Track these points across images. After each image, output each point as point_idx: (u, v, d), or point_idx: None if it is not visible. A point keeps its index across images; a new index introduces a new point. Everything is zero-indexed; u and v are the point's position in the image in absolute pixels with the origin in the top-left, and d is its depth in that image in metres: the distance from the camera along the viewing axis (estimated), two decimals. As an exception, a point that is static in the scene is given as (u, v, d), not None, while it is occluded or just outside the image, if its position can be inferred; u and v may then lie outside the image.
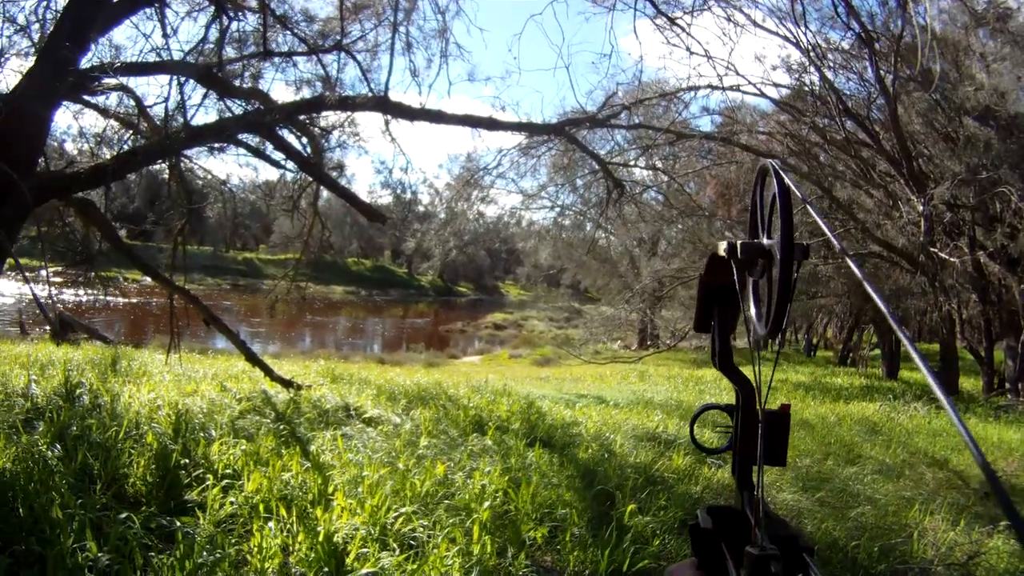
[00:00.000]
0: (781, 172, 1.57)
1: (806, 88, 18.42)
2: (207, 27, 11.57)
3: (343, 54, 12.90)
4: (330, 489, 6.73)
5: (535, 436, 10.38)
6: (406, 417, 10.70)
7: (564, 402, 15.61)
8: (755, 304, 1.76)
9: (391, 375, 17.63)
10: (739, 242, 1.68)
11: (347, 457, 7.86)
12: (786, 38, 16.82)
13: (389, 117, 11.71)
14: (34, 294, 6.10)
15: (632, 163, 17.68)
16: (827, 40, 17.87)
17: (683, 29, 14.23)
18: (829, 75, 17.33)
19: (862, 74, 18.26)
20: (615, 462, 9.29)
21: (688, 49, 15.14)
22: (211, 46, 11.52)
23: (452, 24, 12.07)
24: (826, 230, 1.54)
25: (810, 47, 16.74)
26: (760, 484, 1.61)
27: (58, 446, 6.66)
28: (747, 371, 1.91)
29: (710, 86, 16.69)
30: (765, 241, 1.66)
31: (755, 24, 16.25)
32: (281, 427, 9.09)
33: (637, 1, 12.95)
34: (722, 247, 1.74)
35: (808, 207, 1.69)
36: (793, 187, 1.56)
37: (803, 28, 16.39)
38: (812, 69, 17.30)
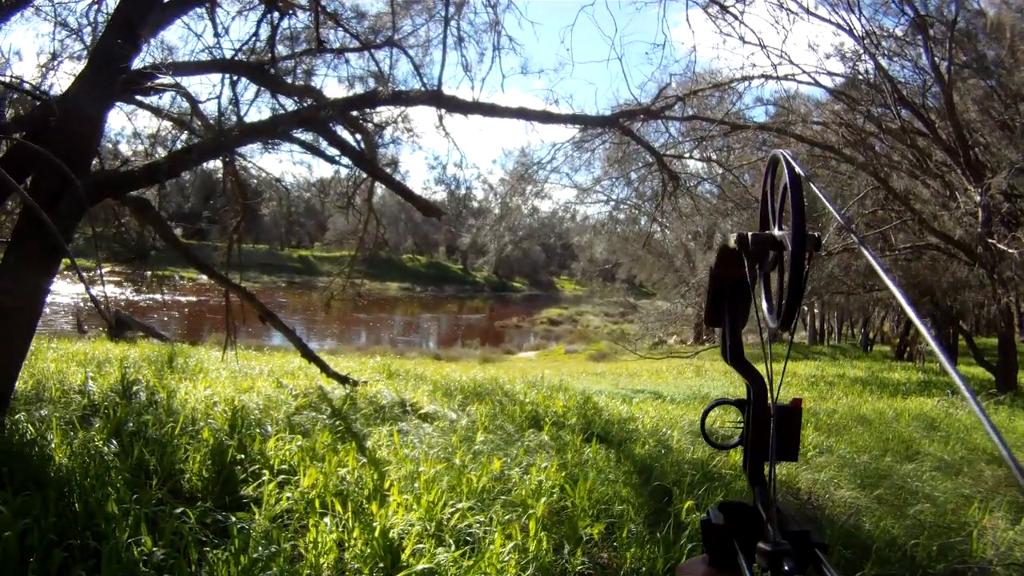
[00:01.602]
0: (792, 161, 1.48)
1: (860, 76, 18.08)
2: (258, 25, 11.61)
3: (395, 49, 12.88)
4: (386, 485, 6.70)
5: (592, 432, 10.29)
6: (462, 413, 10.67)
7: (620, 397, 15.48)
8: (766, 297, 1.69)
9: (447, 371, 17.64)
10: (749, 234, 1.62)
11: (403, 453, 7.82)
12: (839, 25, 16.51)
13: (443, 112, 11.66)
14: (90, 293, 6.08)
15: (687, 155, 17.48)
16: (880, 27, 17.53)
17: (736, 17, 14.01)
18: (883, 62, 16.99)
19: (916, 61, 17.91)
20: (672, 458, 9.18)
21: (741, 38, 14.88)
22: (262, 44, 11.56)
23: (503, 17, 11.96)
24: (839, 217, 1.47)
25: (864, 34, 16.43)
26: (772, 479, 1.59)
27: (114, 442, 6.71)
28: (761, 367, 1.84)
29: (764, 76, 16.45)
30: (776, 232, 1.58)
31: (808, 12, 15.96)
32: (337, 423, 9.10)
33: (690, -11, 12.77)
34: (732, 239, 1.66)
35: (819, 194, 1.62)
36: (804, 175, 1.49)
37: (856, 14, 16.11)
38: (866, 57, 16.97)
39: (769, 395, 1.75)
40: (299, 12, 12.41)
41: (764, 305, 1.68)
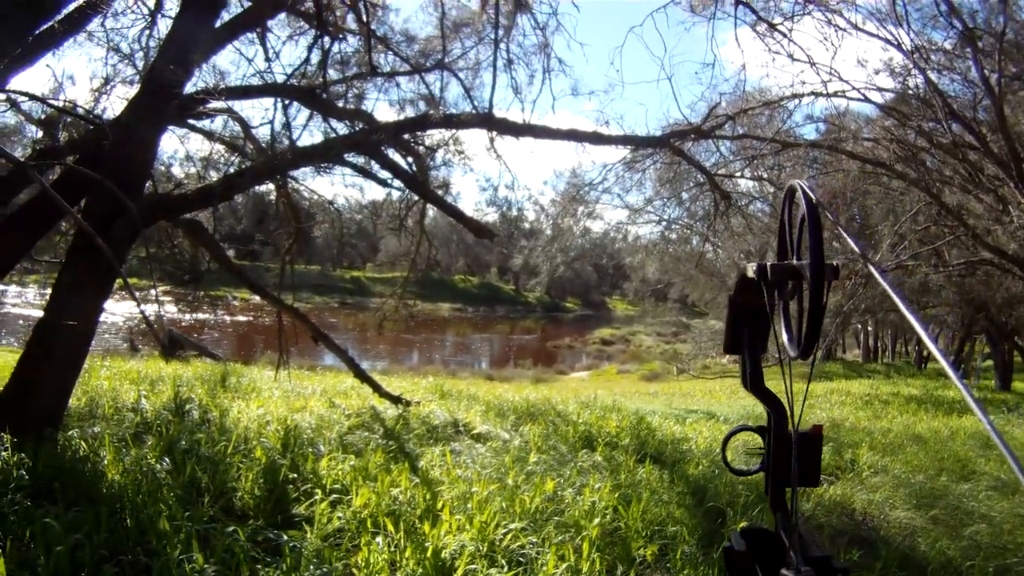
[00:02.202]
0: (809, 191, 1.55)
1: (910, 91, 17.87)
2: (309, 50, 11.69)
3: (445, 73, 12.92)
4: (438, 505, 6.65)
5: (645, 452, 10.19)
6: (515, 433, 10.61)
7: (674, 417, 15.34)
8: (786, 326, 1.75)
9: (499, 391, 17.57)
10: (768, 263, 1.68)
11: (456, 473, 7.77)
12: (887, 40, 16.31)
13: (494, 134, 11.65)
14: (143, 314, 6.12)
15: (738, 174, 17.36)
16: (929, 40, 17.31)
17: (784, 35, 13.90)
18: (933, 76, 16.75)
19: (966, 74, 17.63)
20: (726, 478, 9.04)
21: (790, 55, 14.74)
22: (314, 68, 11.64)
23: (552, 40, 11.93)
24: (852, 244, 1.58)
25: (912, 49, 16.23)
26: (794, 505, 1.68)
27: (167, 460, 6.73)
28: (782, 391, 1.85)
29: (813, 93, 16.32)
30: (795, 262, 1.65)
31: (855, 27, 15.78)
32: (390, 443, 9.08)
33: (737, 8, 12.67)
34: (751, 268, 1.75)
35: (837, 226, 1.63)
36: (821, 205, 1.58)
37: (904, 29, 15.91)
38: (915, 71, 16.77)
39: (790, 422, 1.84)
40: (349, 37, 12.49)
41: (784, 334, 1.73)
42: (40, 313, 8.28)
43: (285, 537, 5.52)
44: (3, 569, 4.30)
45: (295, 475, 6.98)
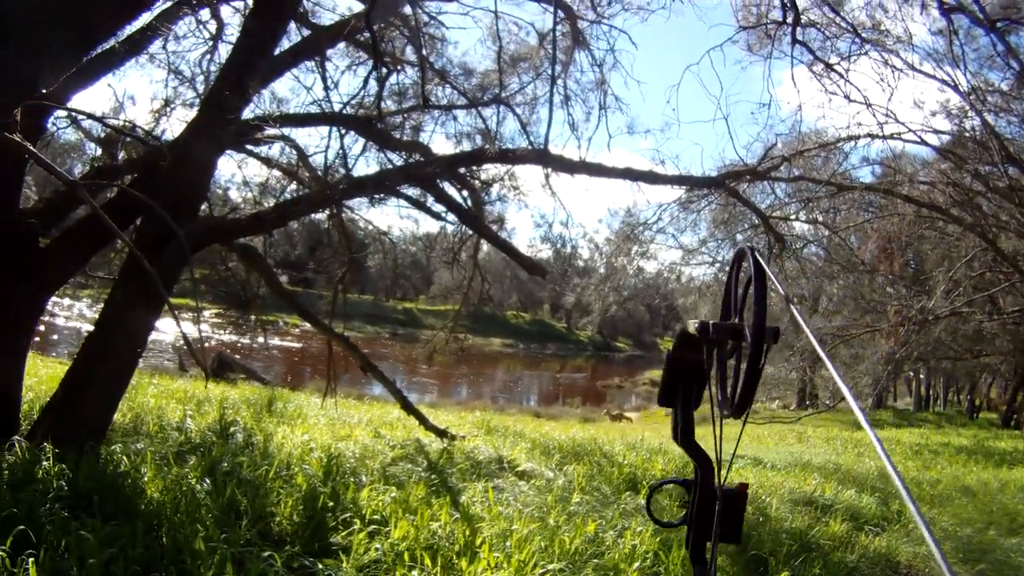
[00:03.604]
0: (758, 255, 1.62)
1: (966, 133, 17.67)
2: (366, 80, 11.80)
3: (502, 107, 12.96)
4: (477, 541, 6.58)
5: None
6: (559, 472, 10.51)
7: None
8: (721, 385, 1.85)
9: (546, 429, 17.44)
10: (711, 322, 1.74)
11: (497, 510, 7.69)
12: (944, 81, 16.13)
13: (549, 170, 11.65)
14: (184, 336, 6.15)
15: (792, 217, 17.26)
16: (986, 82, 17.08)
17: (841, 75, 13.86)
18: (989, 118, 16.51)
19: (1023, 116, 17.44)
20: (769, 526, 8.90)
21: (847, 96, 14.68)
22: (371, 99, 11.71)
23: (609, 76, 12.00)
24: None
25: (969, 90, 16.03)
26: (713, 562, 1.80)
27: (208, 480, 6.73)
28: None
29: (870, 135, 16.21)
30: (736, 322, 1.72)
31: (912, 68, 15.64)
32: (432, 476, 9.02)
33: (794, 48, 12.65)
34: (692, 325, 1.79)
35: (788, 301, 1.75)
36: (768, 272, 1.63)
37: (961, 70, 15.73)
38: (972, 113, 16.57)
39: (716, 478, 1.95)
40: (407, 68, 12.58)
41: (718, 393, 1.88)
42: (91, 327, 8.37)
43: (321, 565, 5.49)
44: (36, 579, 4.31)
45: (335, 504, 6.94)
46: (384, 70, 11.56)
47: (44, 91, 3.04)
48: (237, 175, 14.75)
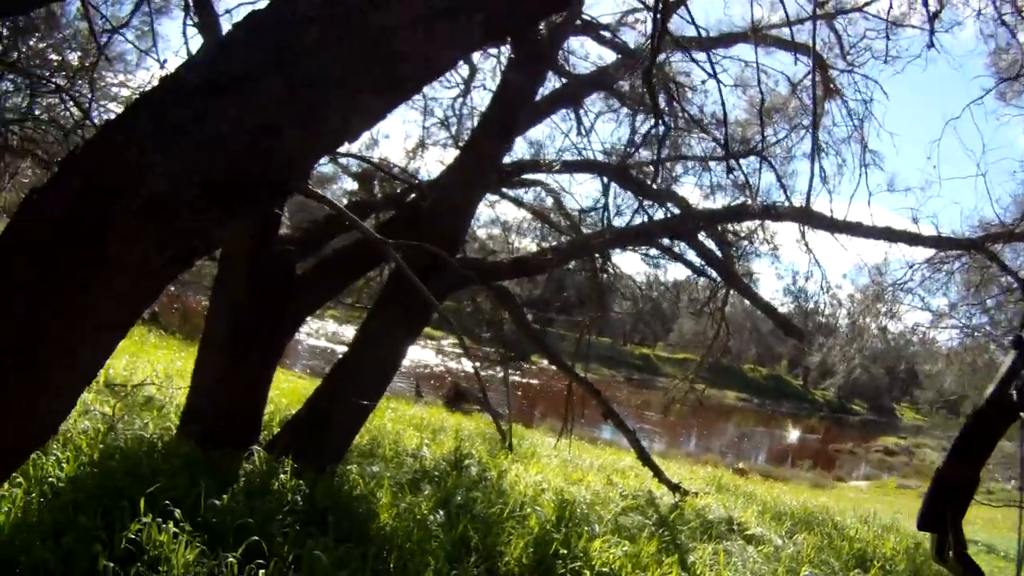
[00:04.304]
0: None
1: None
2: (632, 130, 11.84)
3: (759, 159, 12.76)
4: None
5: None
6: (788, 540, 10.17)
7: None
8: None
9: (776, 491, 16.96)
10: None
11: (726, 575, 7.53)
12: None
13: (807, 228, 11.39)
14: (476, 370, 6.25)
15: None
16: None
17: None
18: None
19: None
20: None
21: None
22: (628, 148, 11.76)
23: (866, 130, 11.55)
24: None
25: None
26: None
27: (441, 512, 6.85)
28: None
29: None
30: None
31: None
32: (663, 532, 8.89)
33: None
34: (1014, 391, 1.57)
35: None
36: None
37: None
38: None
39: None
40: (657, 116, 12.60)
41: None
42: (333, 347, 8.73)
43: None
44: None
45: (566, 551, 6.94)
46: (639, 118, 11.60)
47: (347, 142, 3.23)
48: (485, 212, 15.12)
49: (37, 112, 14.97)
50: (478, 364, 6.63)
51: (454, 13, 2.63)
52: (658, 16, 5.87)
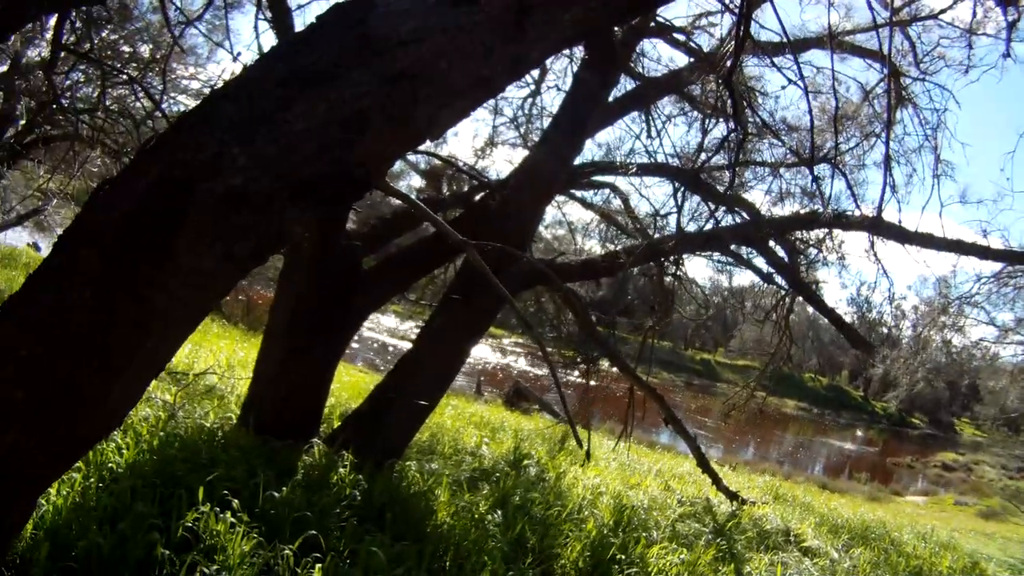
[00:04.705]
0: None
1: None
2: (704, 134, 11.73)
3: (831, 167, 12.58)
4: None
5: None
6: (844, 555, 10.02)
7: (1009, 567, 14.06)
8: None
9: (833, 504, 16.75)
10: None
11: (782, 588, 7.44)
12: None
13: (878, 238, 11.22)
14: (555, 378, 6.21)
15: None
16: None
17: None
18: None
19: None
20: None
21: None
22: (702, 153, 11.66)
23: (939, 140, 11.31)
24: None
25: None
26: None
27: (499, 512, 6.82)
28: None
29: None
30: None
31: None
32: (720, 540, 8.81)
33: None
34: None
35: None
36: None
37: None
38: None
39: None
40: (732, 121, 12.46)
41: None
42: (394, 342, 8.76)
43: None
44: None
45: (623, 556, 6.89)
46: (711, 121, 11.49)
47: (431, 140, 3.20)
48: (550, 213, 15.11)
49: (108, 103, 15.16)
50: (556, 368, 6.57)
51: (546, 10, 2.59)
52: (741, 17, 5.77)
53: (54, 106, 14.89)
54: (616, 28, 8.65)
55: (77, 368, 2.22)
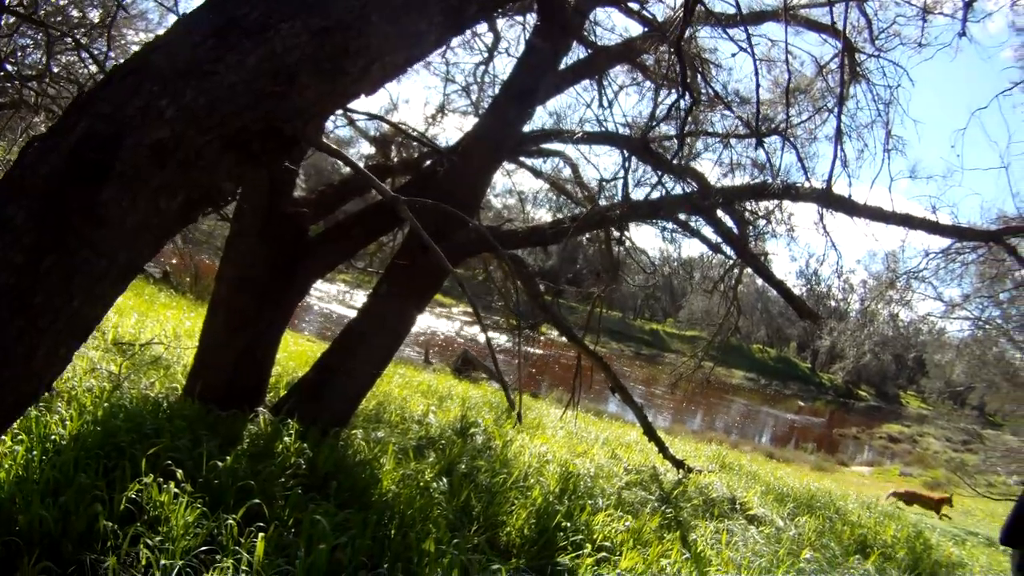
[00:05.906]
0: None
1: None
2: (655, 104, 11.72)
3: (782, 139, 12.62)
4: (705, 584, 6.41)
5: (919, 572, 9.55)
6: (790, 523, 10.12)
7: (951, 537, 14.33)
8: None
9: (780, 473, 16.94)
10: None
11: (727, 555, 7.48)
12: None
13: (826, 210, 11.28)
14: (489, 341, 6.19)
15: (1072, 277, 16.05)
16: None
17: None
18: None
19: None
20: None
21: None
22: (651, 121, 11.64)
23: (891, 115, 11.33)
24: None
25: None
26: None
27: (444, 480, 6.80)
28: None
29: None
30: None
31: None
32: (666, 508, 8.85)
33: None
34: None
35: None
36: None
37: None
38: None
39: None
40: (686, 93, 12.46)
41: None
42: (342, 311, 8.70)
43: (544, 584, 5.45)
44: (261, 550, 4.42)
45: (568, 524, 6.89)
46: (680, 94, 11.50)
47: (365, 94, 3.13)
48: (501, 181, 15.06)
49: (55, 69, 14.85)
50: (491, 335, 6.54)
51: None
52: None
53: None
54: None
55: (2, 327, 2.15)
